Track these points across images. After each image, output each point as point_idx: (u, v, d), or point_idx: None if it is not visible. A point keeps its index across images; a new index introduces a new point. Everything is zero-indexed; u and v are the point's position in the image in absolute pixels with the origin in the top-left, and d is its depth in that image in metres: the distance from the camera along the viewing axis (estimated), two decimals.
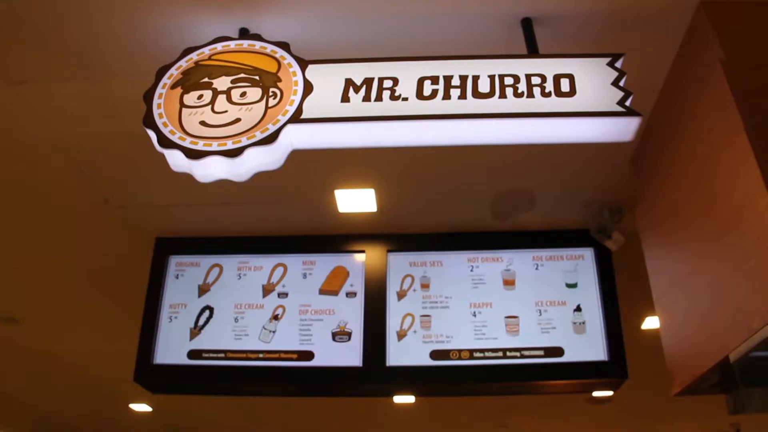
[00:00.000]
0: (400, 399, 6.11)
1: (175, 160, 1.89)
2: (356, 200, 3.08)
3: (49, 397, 6.66)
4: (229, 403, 6.64)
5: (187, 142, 1.87)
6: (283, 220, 3.28)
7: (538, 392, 3.27)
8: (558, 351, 3.01)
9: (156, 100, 1.99)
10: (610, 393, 6.23)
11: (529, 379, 2.99)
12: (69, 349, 5.15)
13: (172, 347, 3.16)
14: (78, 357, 5.30)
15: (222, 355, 3.09)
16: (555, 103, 1.91)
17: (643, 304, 4.06)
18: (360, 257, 3.24)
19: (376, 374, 2.98)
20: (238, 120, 1.91)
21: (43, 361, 5.45)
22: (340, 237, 3.30)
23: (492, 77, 1.94)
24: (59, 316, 4.55)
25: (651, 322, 4.48)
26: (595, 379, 3.03)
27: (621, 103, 1.92)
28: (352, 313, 3.10)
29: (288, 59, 1.99)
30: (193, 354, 3.12)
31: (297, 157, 1.98)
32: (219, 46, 2.05)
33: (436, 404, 6.49)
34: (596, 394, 6.25)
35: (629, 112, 1.90)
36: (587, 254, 3.23)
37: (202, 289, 3.26)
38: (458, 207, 3.18)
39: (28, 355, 5.30)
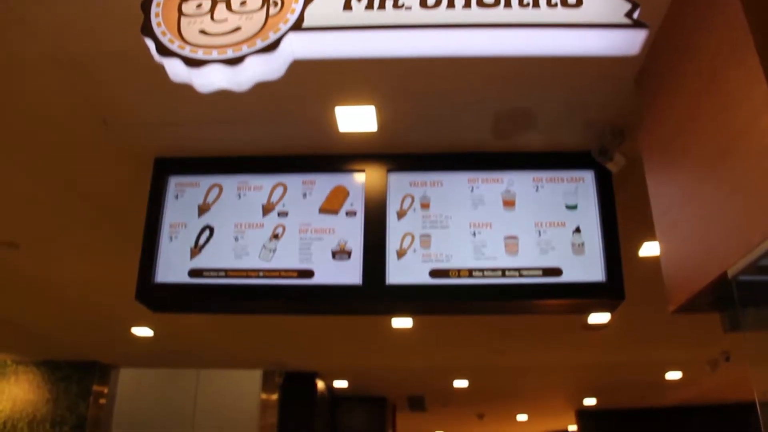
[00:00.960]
0: (398, 323, 6.21)
1: (175, 69, 1.87)
2: (357, 118, 3.05)
3: (52, 322, 6.76)
4: (229, 329, 6.76)
5: (187, 51, 1.85)
6: (284, 139, 3.25)
7: (536, 312, 3.31)
8: (556, 271, 3.04)
9: (154, 9, 1.96)
10: (605, 321, 6.37)
11: (528, 298, 3.03)
12: (70, 274, 5.19)
13: (172, 266, 3.18)
14: (79, 282, 5.35)
15: (222, 273, 3.12)
16: (561, 14, 1.88)
17: (640, 231, 4.09)
18: (360, 177, 3.23)
19: (375, 292, 3.01)
20: (238, 28, 1.88)
21: (45, 287, 5.50)
22: (340, 156, 3.28)
23: None
24: (59, 241, 4.57)
25: (648, 249, 4.52)
26: (592, 299, 3.06)
27: (628, 15, 1.88)
28: (352, 232, 3.11)
29: None
30: (194, 273, 3.14)
31: (298, 73, 1.95)
32: None
33: (433, 329, 6.61)
34: (591, 321, 6.35)
35: (636, 25, 1.86)
36: (588, 177, 3.22)
37: (202, 209, 3.26)
38: (459, 126, 3.15)
39: (29, 280, 5.35)
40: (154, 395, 8.85)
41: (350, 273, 3.04)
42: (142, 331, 6.83)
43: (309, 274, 3.06)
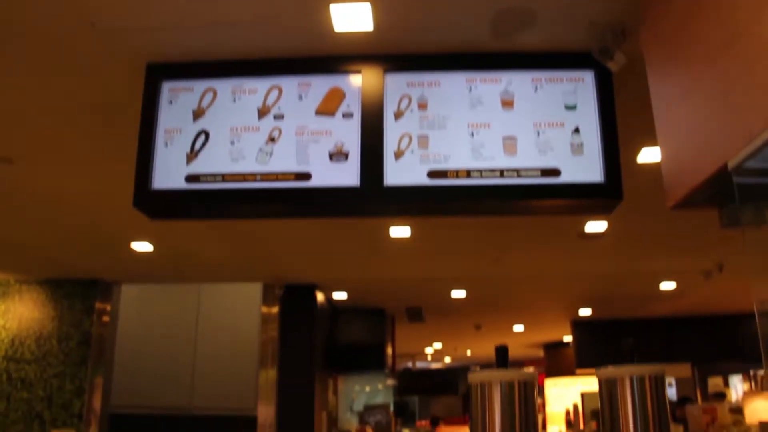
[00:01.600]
0: (395, 233, 6.25)
1: None
2: (352, 16, 2.96)
3: (51, 240, 6.79)
4: (228, 242, 6.80)
5: None
6: (278, 41, 3.18)
7: (534, 213, 3.32)
8: (555, 172, 3.02)
9: None
10: (601, 230, 6.42)
11: (526, 199, 3.02)
12: (67, 188, 5.17)
13: (169, 172, 3.16)
14: (76, 195, 5.33)
15: (219, 178, 3.11)
16: None
17: (639, 137, 4.06)
18: (356, 78, 3.18)
19: (373, 194, 3.01)
20: None
21: (42, 202, 5.49)
22: (335, 58, 3.21)
23: None
24: (54, 154, 4.52)
25: (647, 155, 4.50)
26: (590, 200, 3.06)
27: None
28: (348, 133, 3.08)
29: None
30: (191, 178, 3.13)
31: None
32: None
33: (431, 238, 6.66)
34: (588, 230, 6.39)
35: None
36: (587, 77, 3.17)
37: (197, 114, 3.21)
38: (457, 26, 3.08)
39: (25, 196, 5.33)
40: (156, 311, 9.01)
41: (348, 175, 3.03)
42: (142, 246, 6.88)
43: (306, 176, 3.05)
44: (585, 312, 11.56)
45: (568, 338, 13.83)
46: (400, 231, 6.18)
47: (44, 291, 8.51)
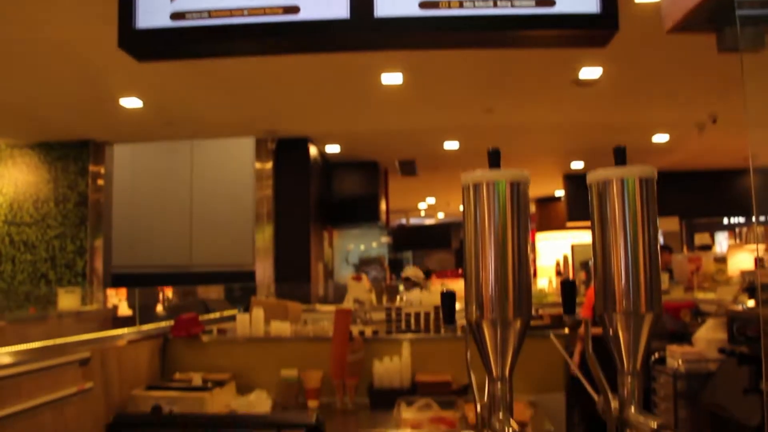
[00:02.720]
0: (387, 80, 6.16)
1: None
2: None
3: (38, 100, 6.69)
4: (218, 95, 6.72)
5: None
6: None
7: (528, 45, 3.25)
8: (549, 1, 2.92)
9: None
10: (595, 76, 6.33)
11: (519, 29, 2.95)
12: (49, 35, 5.01)
13: (153, 10, 3.04)
14: (60, 44, 5.19)
15: (205, 14, 3.00)
16: None
17: None
18: None
19: (363, 25, 2.91)
20: None
21: (25, 55, 5.36)
22: None
23: None
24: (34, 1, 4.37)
25: None
26: (585, 30, 2.98)
27: None
28: None
29: None
30: (176, 16, 3.02)
31: None
32: None
33: (423, 86, 6.58)
34: (582, 76, 6.31)
35: None
36: None
37: None
38: None
39: (7, 47, 5.20)
40: (149, 172, 9.05)
41: (337, 6, 2.92)
42: (131, 102, 6.79)
43: (294, 9, 2.94)
44: (577, 165, 11.63)
45: (559, 193, 14.01)
46: (392, 78, 6.09)
47: (37, 155, 8.51)
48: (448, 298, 1.33)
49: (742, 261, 8.97)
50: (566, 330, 4.11)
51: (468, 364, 1.31)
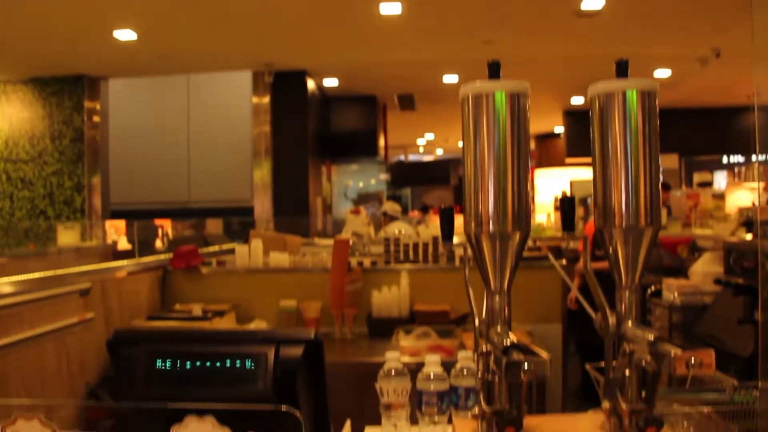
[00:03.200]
0: (386, 9, 6.03)
1: None
2: None
3: (30, 33, 6.56)
4: (214, 27, 6.60)
5: None
6: None
7: None
8: None
9: None
10: (598, 7, 6.19)
11: None
12: None
13: None
14: None
15: None
16: None
17: None
18: None
19: None
20: None
21: None
22: None
23: None
24: None
25: None
26: None
27: None
28: None
29: None
30: None
31: None
32: None
33: (423, 17, 6.46)
34: (584, 7, 6.18)
35: None
36: None
37: None
38: None
39: None
40: (146, 108, 8.94)
41: None
42: (125, 35, 6.66)
43: None
44: (577, 101, 11.52)
45: (559, 129, 13.91)
46: (390, 7, 5.96)
47: (31, 90, 8.41)
48: (447, 214, 1.32)
49: (740, 199, 8.98)
50: (564, 261, 4.14)
51: (466, 280, 1.31)
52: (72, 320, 3.35)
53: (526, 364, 1.01)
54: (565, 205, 1.30)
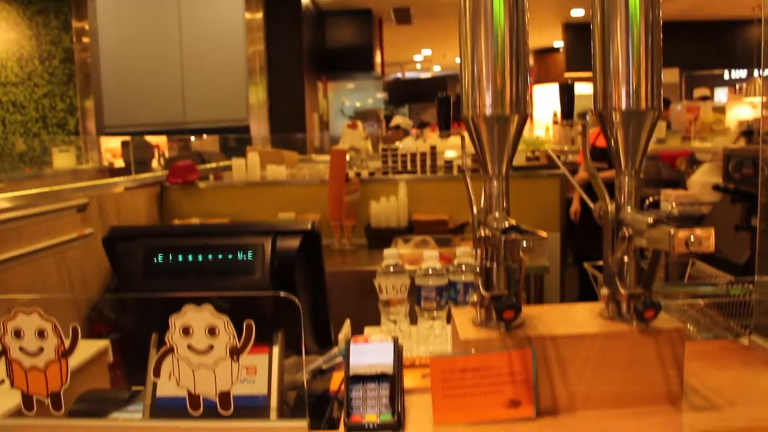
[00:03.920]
0: None
1: None
2: None
3: None
4: None
5: None
6: None
7: None
8: None
9: None
10: None
11: None
12: None
13: None
14: None
15: None
16: None
17: None
18: None
19: None
20: None
21: None
22: None
23: None
24: None
25: None
26: None
27: None
28: None
29: None
30: None
31: None
32: None
33: None
34: None
35: None
36: None
37: None
38: None
39: None
40: (136, 28, 8.72)
41: None
42: None
43: None
44: (577, 13, 11.28)
45: (558, 44, 13.67)
46: None
47: (15, 9, 8.18)
48: (445, 102, 1.29)
49: (741, 113, 8.89)
50: (562, 169, 4.09)
51: (464, 158, 1.29)
52: (70, 236, 3.36)
53: (524, 241, 1.01)
54: (565, 92, 1.27)
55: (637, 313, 1.16)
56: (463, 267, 1.57)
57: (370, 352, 1.13)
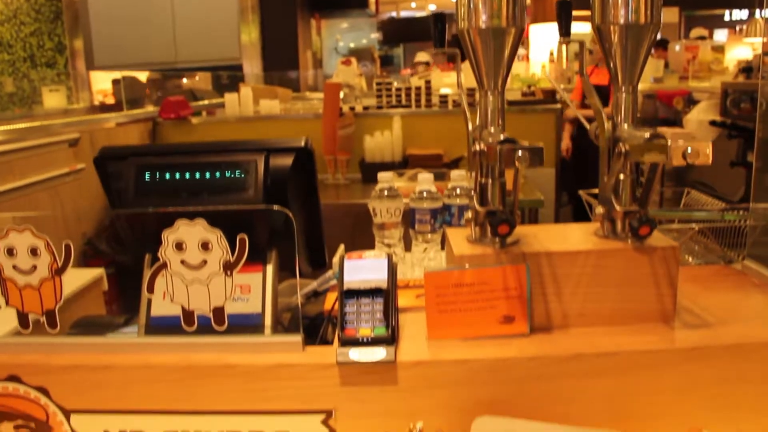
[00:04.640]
0: None
1: None
2: None
3: None
4: None
5: None
6: None
7: None
8: None
9: None
10: None
11: None
12: None
13: None
14: None
15: None
16: None
17: None
18: None
19: None
20: None
21: None
22: None
23: None
24: None
25: None
26: None
27: None
28: None
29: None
30: None
31: None
32: None
33: None
34: None
35: None
36: None
37: None
38: None
39: None
40: None
41: None
42: None
43: None
44: None
45: None
46: None
47: None
48: (440, 19, 1.26)
49: (740, 53, 8.77)
50: (558, 105, 4.07)
51: (460, 82, 1.27)
52: (63, 171, 3.34)
53: (520, 151, 0.99)
54: (563, 10, 1.24)
55: (632, 229, 1.15)
56: (458, 191, 1.56)
57: (364, 268, 1.13)
